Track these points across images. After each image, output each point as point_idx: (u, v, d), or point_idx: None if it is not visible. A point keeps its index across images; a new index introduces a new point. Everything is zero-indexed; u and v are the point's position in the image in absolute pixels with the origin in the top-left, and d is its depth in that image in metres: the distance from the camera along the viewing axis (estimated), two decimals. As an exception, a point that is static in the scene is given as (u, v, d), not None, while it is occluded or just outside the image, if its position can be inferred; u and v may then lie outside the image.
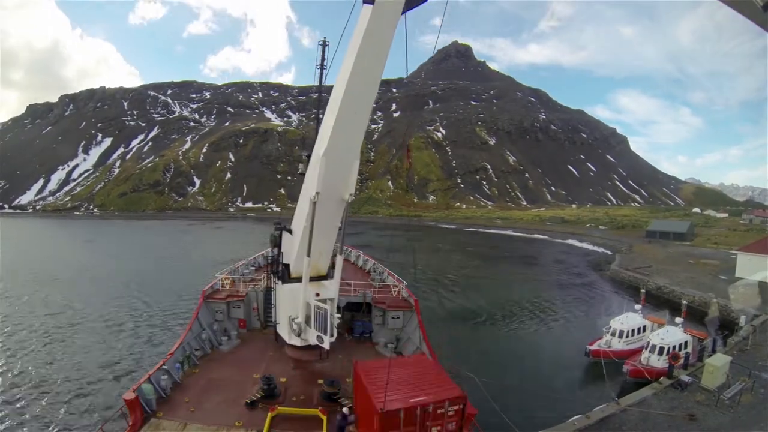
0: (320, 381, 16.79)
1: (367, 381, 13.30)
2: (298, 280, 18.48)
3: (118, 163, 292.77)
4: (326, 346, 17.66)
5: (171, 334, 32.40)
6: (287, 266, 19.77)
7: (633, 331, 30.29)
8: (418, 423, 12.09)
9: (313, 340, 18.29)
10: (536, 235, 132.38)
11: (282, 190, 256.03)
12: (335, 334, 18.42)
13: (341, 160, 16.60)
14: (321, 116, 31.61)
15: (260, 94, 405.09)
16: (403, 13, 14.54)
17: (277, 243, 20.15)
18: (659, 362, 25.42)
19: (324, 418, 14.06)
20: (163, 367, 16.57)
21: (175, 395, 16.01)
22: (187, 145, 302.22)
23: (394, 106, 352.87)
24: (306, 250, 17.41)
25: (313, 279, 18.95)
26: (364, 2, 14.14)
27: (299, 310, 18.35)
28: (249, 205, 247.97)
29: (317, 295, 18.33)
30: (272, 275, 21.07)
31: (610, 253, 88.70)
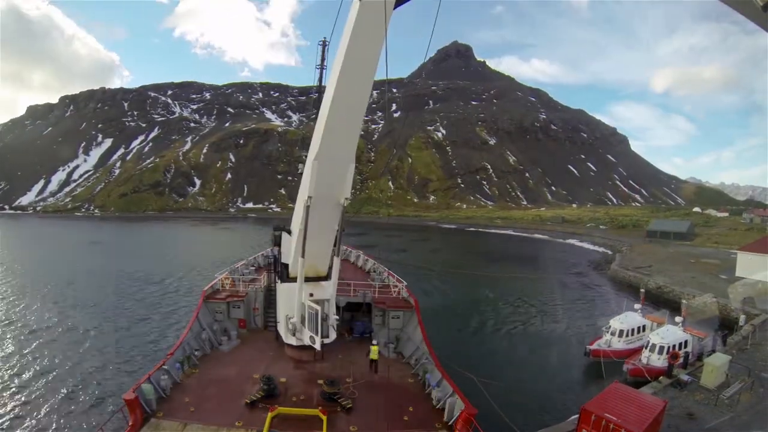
0: (320, 381, 16.81)
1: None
2: (296, 280, 18.54)
3: (118, 164, 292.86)
4: (317, 346, 17.73)
5: (172, 333, 32.46)
6: (286, 266, 19.96)
7: (633, 330, 30.31)
8: None
9: (307, 341, 18.38)
10: (536, 235, 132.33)
11: (282, 191, 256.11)
12: (332, 335, 18.52)
13: (335, 164, 16.22)
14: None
15: (260, 94, 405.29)
16: (395, 7, 13.85)
17: (277, 243, 20.28)
18: (659, 361, 25.43)
19: (324, 418, 14.07)
20: (163, 367, 16.59)
21: (175, 395, 16.01)
22: (188, 146, 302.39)
23: (394, 106, 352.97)
24: (300, 251, 17.47)
25: (312, 279, 19.07)
26: None
27: (295, 309, 18.47)
28: (249, 205, 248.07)
29: (311, 295, 18.38)
30: (273, 274, 21.16)
31: (610, 252, 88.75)
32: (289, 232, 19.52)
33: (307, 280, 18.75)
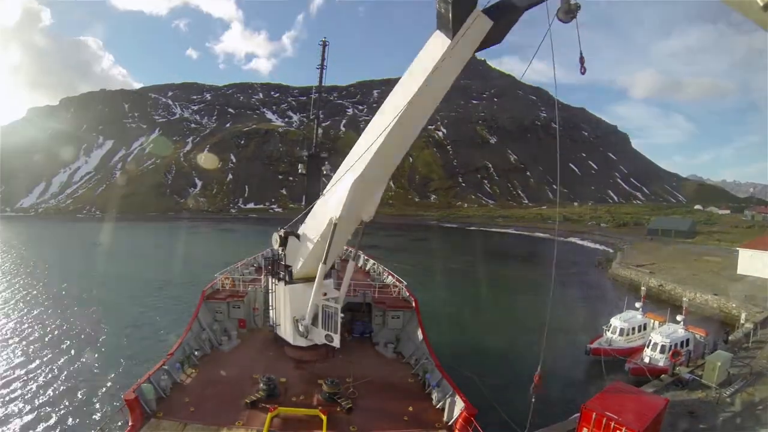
0: (320, 381, 16.80)
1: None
2: (301, 281, 18.63)
3: (119, 166, 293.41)
4: (336, 344, 17.88)
5: (173, 333, 32.46)
6: (289, 268, 19.64)
7: (634, 328, 30.28)
8: None
9: (320, 340, 18.42)
10: (537, 234, 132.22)
11: (284, 191, 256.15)
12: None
13: (370, 187, 16.01)
14: (321, 116, 31.67)
15: (261, 95, 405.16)
16: (479, 49, 13.51)
17: (282, 245, 19.77)
18: (661, 360, 25.38)
19: (324, 418, 14.07)
20: (163, 367, 16.59)
21: (175, 395, 16.02)
22: (189, 147, 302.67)
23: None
24: (322, 258, 17.25)
25: (311, 280, 19.05)
26: (438, 27, 12.94)
27: (307, 311, 18.31)
28: (251, 206, 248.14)
29: (324, 295, 18.45)
30: (270, 277, 20.92)
31: (611, 251, 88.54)
32: (297, 236, 19.11)
33: (308, 280, 18.82)
